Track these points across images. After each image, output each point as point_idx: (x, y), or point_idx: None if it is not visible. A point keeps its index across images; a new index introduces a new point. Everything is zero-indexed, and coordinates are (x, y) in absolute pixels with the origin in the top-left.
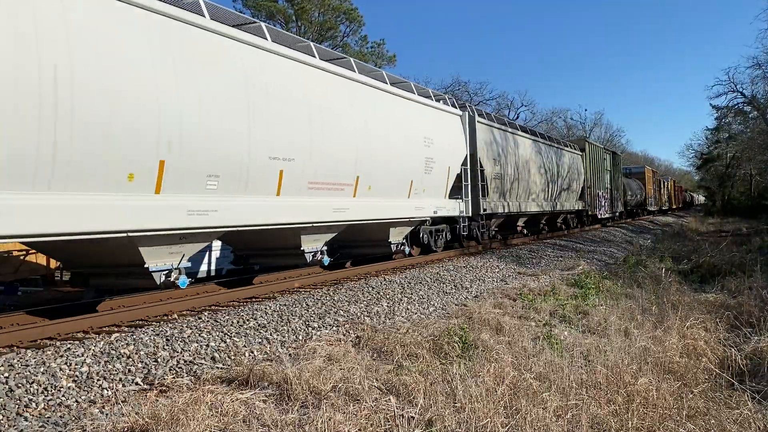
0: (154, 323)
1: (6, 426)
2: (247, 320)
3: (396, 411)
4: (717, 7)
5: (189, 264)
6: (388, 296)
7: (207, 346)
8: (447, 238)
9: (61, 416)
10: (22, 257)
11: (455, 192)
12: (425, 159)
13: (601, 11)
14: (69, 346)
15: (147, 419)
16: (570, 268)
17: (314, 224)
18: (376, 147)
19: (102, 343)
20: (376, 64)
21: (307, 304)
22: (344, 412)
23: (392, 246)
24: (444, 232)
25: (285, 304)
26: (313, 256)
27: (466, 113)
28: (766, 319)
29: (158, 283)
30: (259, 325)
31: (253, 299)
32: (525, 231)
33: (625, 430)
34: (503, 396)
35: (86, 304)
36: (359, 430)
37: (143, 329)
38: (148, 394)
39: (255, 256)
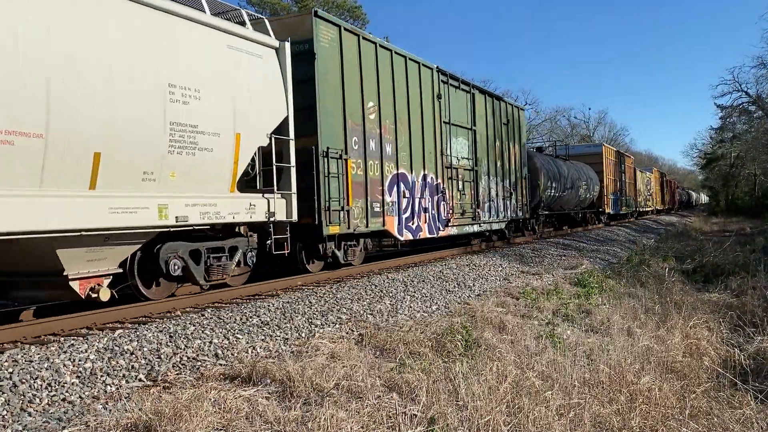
0: (157, 320)
1: (10, 421)
2: (250, 317)
3: (398, 408)
4: (721, 7)
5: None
6: (390, 294)
7: (210, 342)
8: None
9: (64, 412)
10: None
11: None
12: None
13: (605, 9)
14: (73, 342)
15: (150, 415)
16: (573, 267)
17: None
18: None
19: (105, 339)
20: None
21: (310, 302)
22: (347, 410)
23: None
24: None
25: (288, 302)
26: None
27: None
28: None
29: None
30: (262, 323)
31: (257, 296)
32: None
33: (627, 429)
34: (506, 394)
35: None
36: (362, 427)
37: (146, 326)
38: (151, 390)
39: None
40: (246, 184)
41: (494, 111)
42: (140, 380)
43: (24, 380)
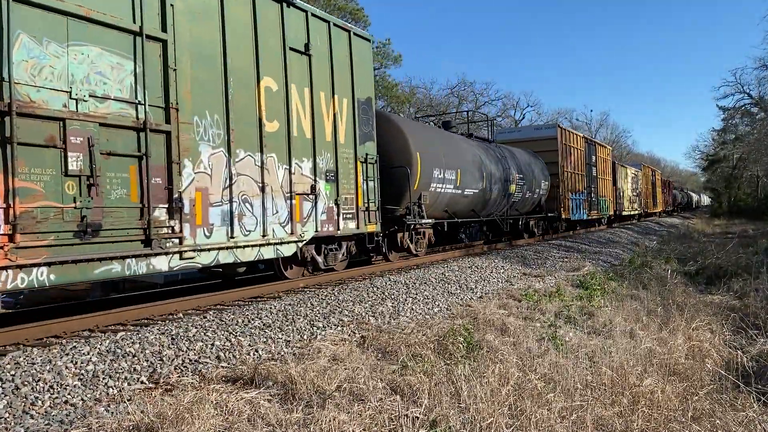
0: (159, 322)
1: (12, 424)
2: (252, 319)
3: (400, 411)
4: (724, 8)
5: None
6: (392, 296)
7: (212, 345)
8: None
9: (66, 414)
10: None
11: None
12: None
13: (607, 12)
14: (75, 344)
15: (152, 418)
16: (575, 269)
17: None
18: None
19: (107, 341)
20: (381, 63)
21: (311, 304)
22: (349, 412)
23: None
24: None
25: (290, 304)
26: None
27: None
28: None
29: None
30: (263, 325)
31: (258, 298)
32: None
33: (629, 431)
34: (508, 397)
35: (92, 302)
36: (364, 429)
37: (148, 328)
38: (153, 392)
39: None
40: None
41: (258, 17)
42: (142, 382)
43: (26, 382)
